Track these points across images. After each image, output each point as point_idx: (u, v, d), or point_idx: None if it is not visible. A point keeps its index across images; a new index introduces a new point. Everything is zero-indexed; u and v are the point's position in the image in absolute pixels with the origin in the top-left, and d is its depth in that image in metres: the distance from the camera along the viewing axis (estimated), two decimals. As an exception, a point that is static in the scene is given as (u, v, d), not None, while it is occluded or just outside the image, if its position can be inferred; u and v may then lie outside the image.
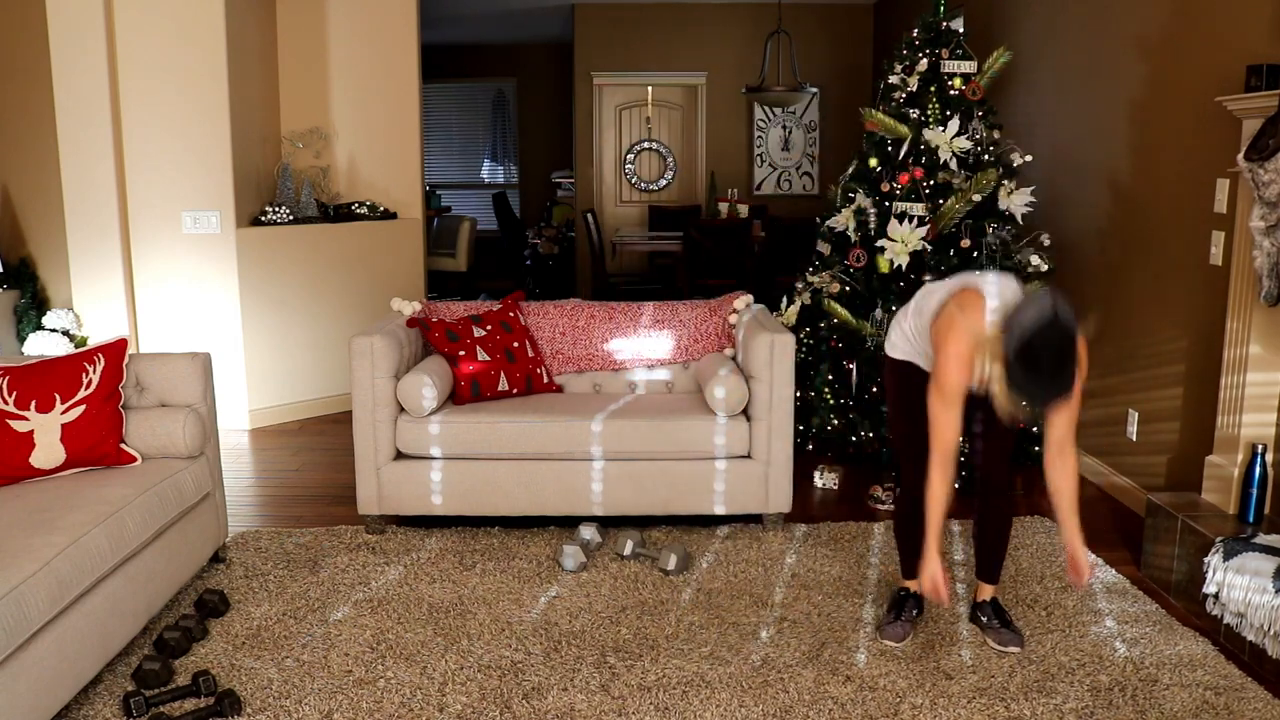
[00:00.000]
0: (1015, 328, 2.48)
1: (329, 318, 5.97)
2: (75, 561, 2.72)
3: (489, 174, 12.75)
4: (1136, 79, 4.44)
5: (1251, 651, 3.09)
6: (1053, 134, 5.27)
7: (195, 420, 3.54)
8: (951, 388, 2.68)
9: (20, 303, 5.27)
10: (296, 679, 2.98)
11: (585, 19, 9.58)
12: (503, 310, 4.47)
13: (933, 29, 4.76)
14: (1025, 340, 2.46)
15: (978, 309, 2.71)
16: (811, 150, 9.77)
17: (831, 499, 4.59)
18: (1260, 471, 3.43)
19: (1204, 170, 3.90)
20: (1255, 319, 3.53)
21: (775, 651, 3.16)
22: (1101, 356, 4.77)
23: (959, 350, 2.67)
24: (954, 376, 2.67)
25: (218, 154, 5.43)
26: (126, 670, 3.03)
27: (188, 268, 5.52)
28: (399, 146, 6.37)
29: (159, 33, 5.31)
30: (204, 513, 3.59)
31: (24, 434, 3.19)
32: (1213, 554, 3.24)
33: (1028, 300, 2.53)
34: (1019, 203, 4.59)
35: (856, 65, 9.52)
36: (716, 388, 3.99)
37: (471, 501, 4.04)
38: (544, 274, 10.93)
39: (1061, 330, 2.47)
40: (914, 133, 4.66)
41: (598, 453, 4.01)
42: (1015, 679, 2.99)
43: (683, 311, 4.62)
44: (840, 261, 4.86)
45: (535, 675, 3.01)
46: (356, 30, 6.21)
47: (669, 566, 3.70)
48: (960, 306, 2.74)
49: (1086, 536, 4.05)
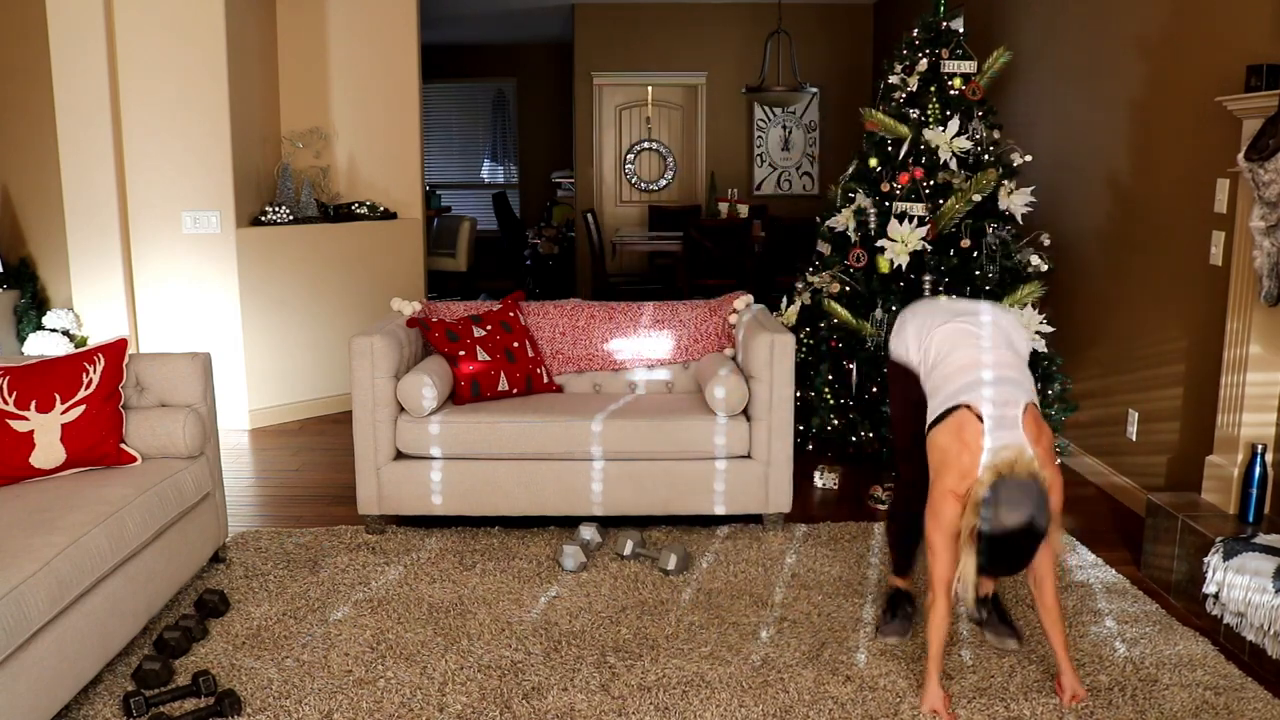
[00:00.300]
0: (994, 517, 2.53)
1: (329, 318, 5.97)
2: (75, 561, 2.72)
3: (489, 174, 12.75)
4: (1136, 79, 4.44)
5: (1251, 651, 3.09)
6: (1053, 134, 5.27)
7: (195, 420, 3.53)
8: (949, 522, 2.72)
9: (20, 303, 5.27)
10: (296, 679, 2.98)
11: (585, 19, 9.58)
12: (503, 310, 4.47)
13: (933, 29, 4.76)
14: (998, 535, 2.54)
15: (972, 445, 2.69)
16: (811, 150, 9.77)
17: (831, 499, 4.59)
18: (1260, 471, 3.43)
19: (1204, 170, 3.90)
20: (1255, 319, 3.53)
21: (775, 651, 3.16)
22: (1101, 356, 4.77)
23: (954, 488, 2.70)
24: (950, 512, 2.71)
25: (218, 154, 5.43)
26: (126, 670, 3.03)
27: (188, 268, 5.52)
28: (399, 146, 6.37)
29: (159, 33, 5.31)
30: (204, 513, 3.59)
31: (24, 434, 3.19)
32: (1213, 554, 3.24)
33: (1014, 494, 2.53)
34: (1019, 203, 4.59)
35: (856, 65, 9.53)
36: (716, 388, 3.99)
37: (471, 501, 4.04)
38: (544, 274, 10.93)
39: (1033, 538, 2.56)
40: (914, 133, 4.66)
41: (598, 453, 4.01)
42: (1015, 679, 2.99)
43: (683, 311, 4.62)
44: (840, 261, 4.86)
45: (535, 675, 3.01)
46: (356, 30, 6.21)
47: (669, 566, 3.70)
48: (957, 439, 2.72)
49: (1087, 536, 4.07)
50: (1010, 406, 2.72)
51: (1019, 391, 2.77)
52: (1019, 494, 2.53)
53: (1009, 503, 2.52)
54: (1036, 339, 4.47)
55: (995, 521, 2.53)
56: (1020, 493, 2.53)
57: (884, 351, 4.48)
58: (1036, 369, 4.51)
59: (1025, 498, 2.52)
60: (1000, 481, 2.55)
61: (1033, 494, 2.54)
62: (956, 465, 2.69)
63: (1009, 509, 2.52)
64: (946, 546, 2.72)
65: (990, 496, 2.54)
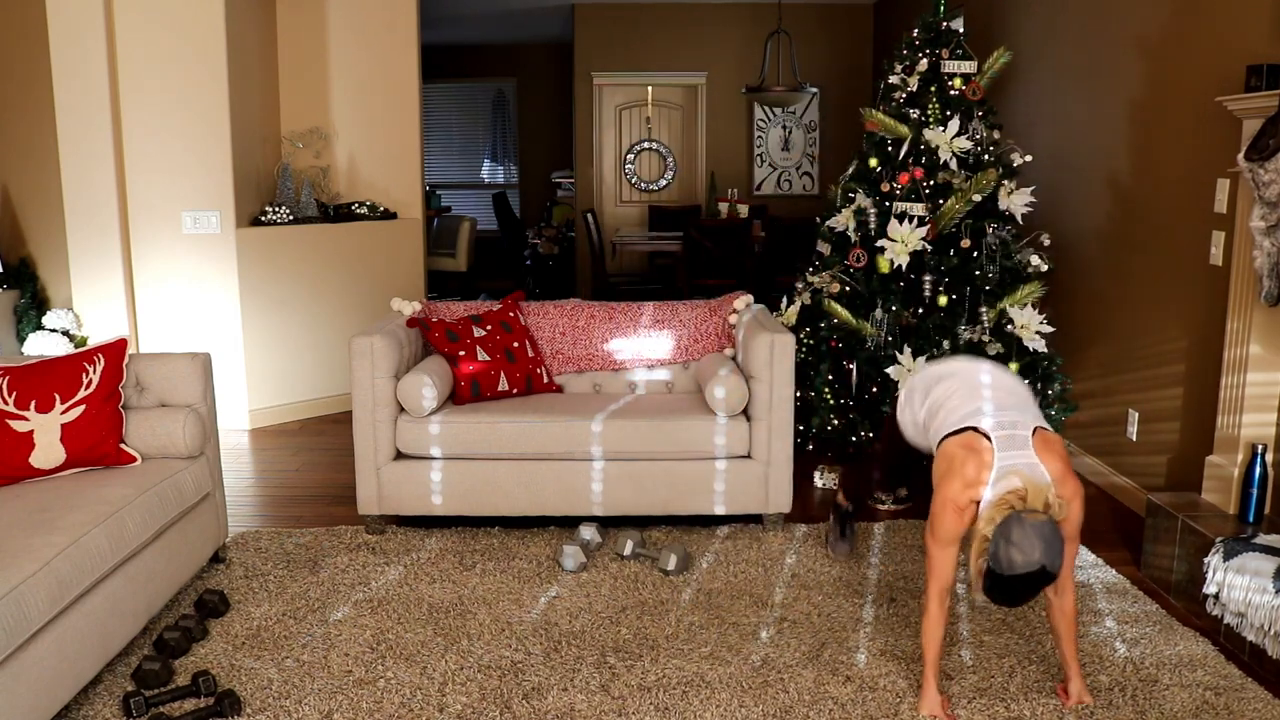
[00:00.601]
0: (1003, 557, 2.43)
1: (329, 318, 5.97)
2: (75, 561, 2.72)
3: (489, 174, 12.75)
4: (1136, 79, 4.44)
5: (1251, 651, 3.09)
6: (1053, 134, 5.27)
7: (195, 420, 3.53)
8: (945, 532, 2.68)
9: (20, 303, 5.27)
10: (296, 679, 2.98)
11: (585, 19, 9.58)
12: (503, 310, 4.47)
13: (933, 29, 4.75)
14: (1006, 575, 2.45)
15: (980, 454, 2.65)
16: (811, 150, 9.77)
17: (831, 499, 4.58)
18: (1260, 471, 3.42)
19: (1204, 170, 3.90)
20: (1255, 319, 3.53)
21: (775, 651, 3.16)
22: (1101, 356, 4.77)
23: (955, 497, 2.64)
24: (948, 523, 2.66)
25: (218, 154, 5.43)
26: (126, 670, 3.03)
27: (188, 268, 5.52)
28: (399, 146, 6.37)
29: (159, 33, 5.31)
30: (204, 513, 3.59)
31: (24, 434, 3.19)
32: (1213, 554, 3.24)
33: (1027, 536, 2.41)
34: (1019, 203, 4.59)
35: (856, 65, 9.53)
36: (716, 388, 3.99)
37: (471, 501, 4.04)
38: (544, 274, 10.93)
39: (1043, 579, 2.46)
40: (914, 133, 4.66)
41: (598, 453, 4.01)
42: (1015, 679, 2.99)
43: (683, 311, 4.62)
44: (840, 261, 4.86)
45: (535, 675, 3.01)
46: (356, 30, 6.21)
47: (669, 567, 3.70)
48: (965, 447, 2.69)
49: (1087, 536, 4.07)
50: (1019, 427, 2.67)
51: (1026, 415, 2.74)
52: (1032, 537, 2.40)
53: (1019, 546, 2.40)
54: (1036, 339, 4.47)
55: (1003, 562, 2.42)
56: (1033, 535, 2.40)
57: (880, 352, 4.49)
58: (1036, 369, 4.52)
59: (1038, 540, 2.40)
60: (1011, 520, 2.44)
61: (1045, 535, 2.41)
62: (961, 473, 2.64)
63: (1019, 552, 2.40)
64: (942, 555, 2.69)
65: (1000, 535, 2.44)
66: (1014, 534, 2.42)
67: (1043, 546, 2.41)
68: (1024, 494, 2.50)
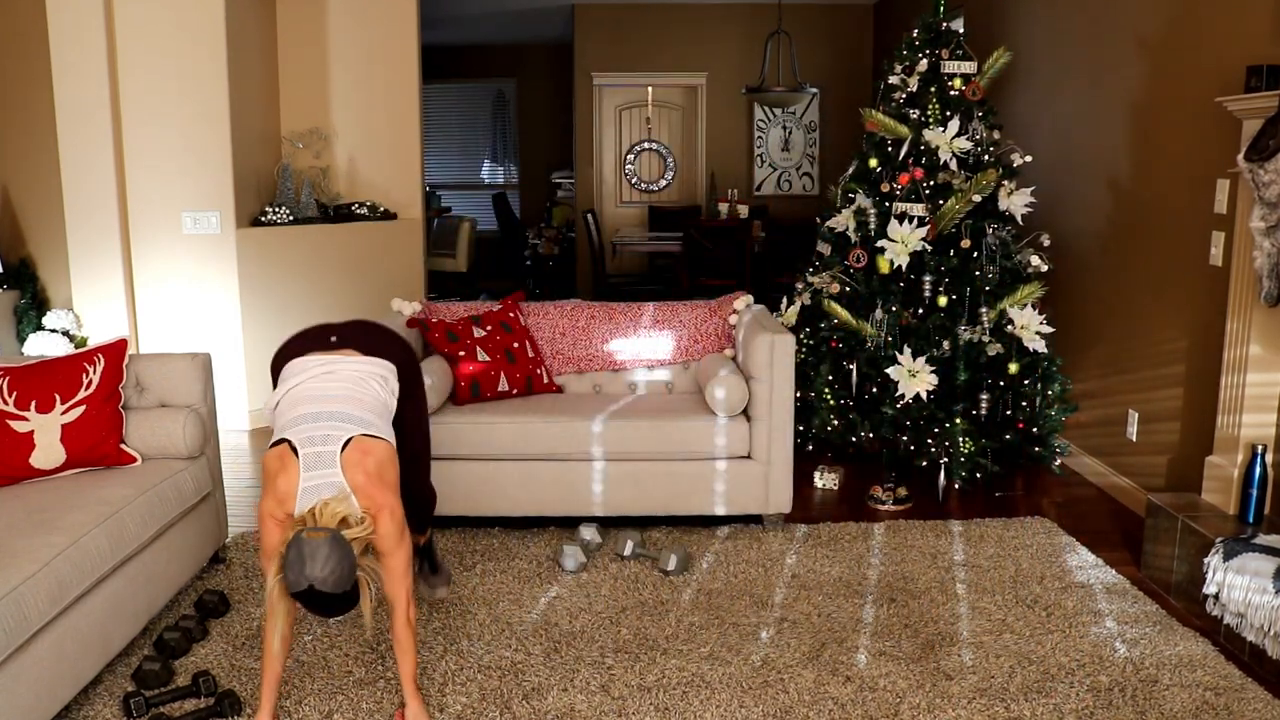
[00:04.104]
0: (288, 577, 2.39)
1: (329, 318, 5.95)
2: (75, 562, 2.72)
3: (489, 174, 12.76)
4: (1136, 79, 4.44)
5: (1251, 652, 3.09)
6: (1053, 134, 5.27)
7: (195, 420, 3.53)
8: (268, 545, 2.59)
9: (20, 303, 5.27)
10: (296, 679, 2.98)
11: (585, 19, 9.58)
12: (503, 311, 4.47)
13: (933, 29, 4.76)
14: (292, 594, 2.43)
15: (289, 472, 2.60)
16: (811, 151, 9.77)
17: (831, 499, 4.59)
18: (1260, 472, 3.43)
19: (1204, 170, 3.90)
20: (1255, 319, 3.53)
21: (775, 652, 3.16)
22: (1101, 356, 4.77)
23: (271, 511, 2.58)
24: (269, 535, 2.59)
25: (218, 154, 5.43)
26: (126, 670, 3.03)
27: (188, 268, 5.52)
28: (399, 147, 6.37)
29: (159, 33, 5.31)
30: (204, 513, 3.59)
31: (24, 434, 3.19)
32: (1213, 554, 3.24)
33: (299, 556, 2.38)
34: (1019, 203, 4.59)
35: (856, 65, 9.53)
36: (716, 388, 3.99)
37: (471, 501, 4.04)
38: (544, 274, 10.94)
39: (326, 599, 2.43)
40: (914, 133, 4.66)
41: (598, 453, 4.01)
42: (1015, 679, 2.99)
43: (683, 312, 4.62)
44: (840, 262, 4.86)
45: (535, 675, 3.01)
46: (356, 30, 6.22)
47: (669, 567, 3.70)
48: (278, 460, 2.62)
49: (1088, 537, 4.07)
50: (329, 442, 2.61)
51: (347, 424, 2.66)
52: (304, 557, 2.36)
53: (292, 566, 2.38)
54: (1036, 339, 4.47)
55: (289, 582, 2.39)
56: (305, 556, 2.37)
57: (881, 351, 4.48)
58: (1036, 369, 4.52)
59: (308, 560, 2.36)
60: (292, 541, 2.41)
61: (317, 555, 2.37)
62: (273, 489, 2.59)
63: (292, 571, 2.37)
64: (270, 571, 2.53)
65: (285, 554, 2.41)
66: (290, 554, 2.40)
67: (313, 565, 2.36)
68: (317, 511, 2.49)
